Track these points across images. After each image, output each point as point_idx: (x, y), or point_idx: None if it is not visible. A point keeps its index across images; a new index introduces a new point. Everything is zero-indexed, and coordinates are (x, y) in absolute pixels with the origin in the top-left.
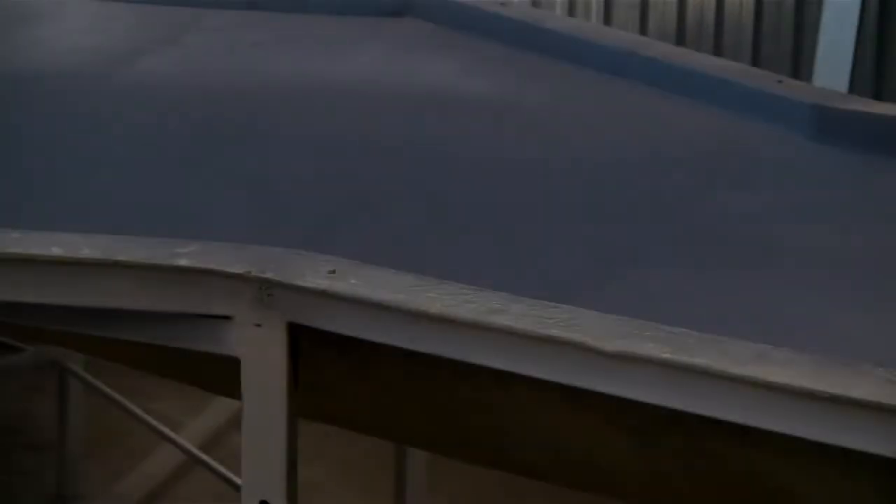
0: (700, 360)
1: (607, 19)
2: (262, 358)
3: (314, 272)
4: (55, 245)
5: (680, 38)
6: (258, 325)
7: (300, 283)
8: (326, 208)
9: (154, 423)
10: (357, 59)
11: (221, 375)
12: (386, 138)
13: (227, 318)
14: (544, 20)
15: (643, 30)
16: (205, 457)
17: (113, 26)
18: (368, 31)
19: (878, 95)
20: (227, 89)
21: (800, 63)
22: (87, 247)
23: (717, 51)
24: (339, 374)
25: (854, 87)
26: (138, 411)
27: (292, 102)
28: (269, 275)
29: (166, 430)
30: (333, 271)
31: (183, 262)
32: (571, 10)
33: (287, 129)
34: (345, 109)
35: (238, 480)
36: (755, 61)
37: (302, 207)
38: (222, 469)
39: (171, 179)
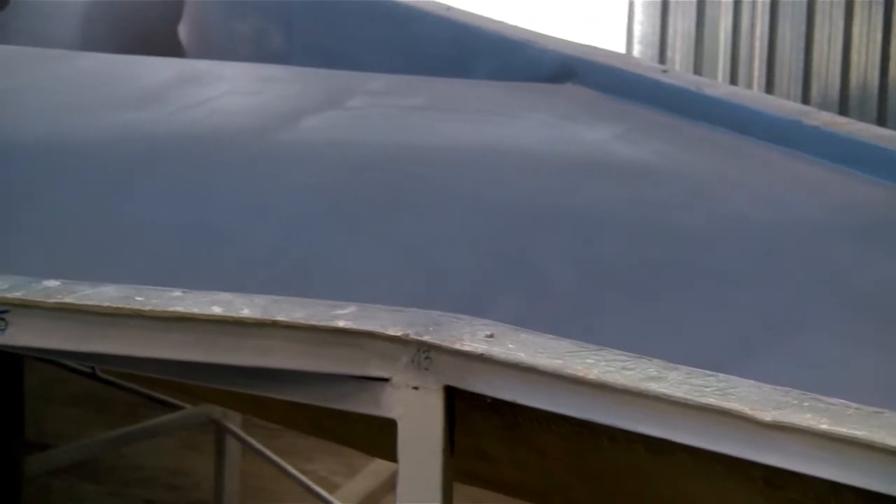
0: (859, 433)
1: (769, 87)
2: (419, 421)
3: (472, 336)
4: (215, 304)
5: (843, 107)
6: (415, 388)
7: (458, 346)
8: (484, 271)
9: (309, 483)
10: (516, 124)
11: (377, 437)
12: (543, 203)
13: (384, 380)
14: (706, 87)
15: (805, 98)
16: None
17: (273, 88)
18: (528, 98)
19: None
20: (386, 152)
21: None
22: (246, 306)
23: (881, 120)
24: (495, 438)
25: None
26: (294, 471)
27: (450, 167)
28: (427, 338)
29: (321, 491)
30: (491, 335)
31: (341, 323)
32: (733, 78)
33: (444, 193)
34: (502, 174)
35: None
36: None
37: (459, 270)
38: None
39: (329, 240)
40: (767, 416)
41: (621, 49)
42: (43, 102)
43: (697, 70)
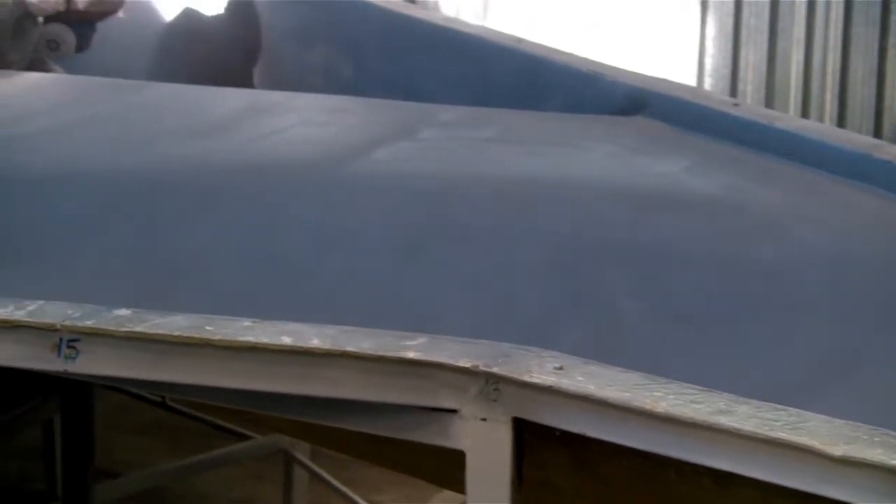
0: None
1: (841, 121)
2: (487, 452)
3: (541, 368)
4: (284, 334)
5: None
6: (483, 420)
7: (527, 378)
8: (553, 303)
9: None
10: (586, 157)
11: (445, 468)
12: (612, 235)
13: (452, 411)
14: (777, 121)
15: (877, 132)
16: None
17: (344, 119)
18: (598, 130)
19: None
20: (457, 184)
21: None
22: (315, 337)
23: None
24: (562, 469)
25: None
26: (362, 502)
27: (520, 199)
28: (495, 369)
29: None
30: (560, 367)
31: (411, 354)
32: (805, 112)
33: (514, 225)
34: (572, 207)
35: None
36: None
37: (528, 302)
38: None
39: (399, 271)
40: (838, 451)
41: (692, 82)
42: (115, 132)
43: (769, 103)
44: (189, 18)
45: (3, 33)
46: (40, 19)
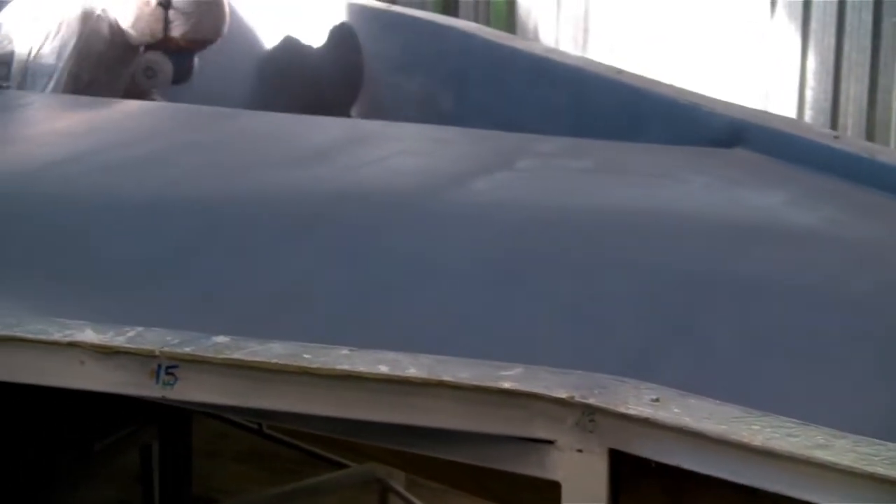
0: None
1: None
2: (583, 483)
3: (637, 399)
4: (381, 363)
5: None
6: (579, 451)
7: (623, 409)
8: (649, 334)
9: None
10: (684, 188)
11: (541, 499)
12: (711, 268)
13: (548, 442)
14: (878, 154)
15: None
16: None
17: (443, 149)
18: (696, 162)
19: None
20: (555, 214)
21: None
22: (412, 366)
23: None
24: (657, 501)
25: None
26: None
27: (618, 230)
28: (592, 400)
29: None
30: (657, 399)
31: (507, 384)
32: None
33: (612, 256)
34: (670, 238)
35: None
36: None
37: (625, 333)
38: None
39: (496, 300)
40: None
41: (792, 114)
42: (214, 160)
43: (869, 136)
44: (289, 47)
45: (101, 62)
46: (141, 48)
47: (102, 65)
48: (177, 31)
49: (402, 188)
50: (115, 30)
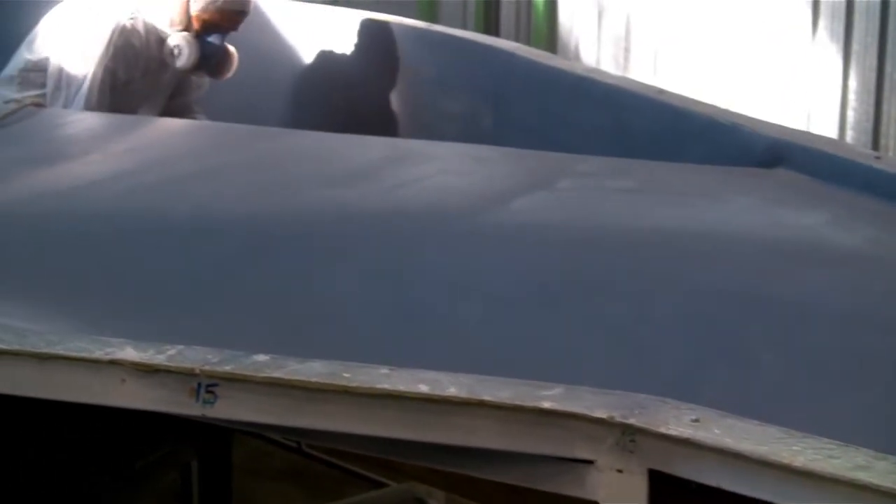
0: None
1: None
2: (623, 503)
3: (677, 420)
4: (421, 382)
5: None
6: (619, 471)
7: (663, 430)
8: (691, 355)
9: None
10: (726, 209)
11: None
12: (752, 288)
13: (588, 461)
14: None
15: None
16: None
17: (484, 168)
18: (738, 182)
19: None
20: (595, 234)
21: None
22: (452, 385)
23: None
24: None
25: None
26: None
27: (658, 250)
28: (632, 421)
29: None
30: (697, 420)
31: (547, 404)
32: None
33: (651, 276)
34: (711, 258)
35: None
36: None
37: (666, 354)
38: None
39: (535, 319)
40: None
41: (833, 135)
42: (255, 178)
43: None
44: (330, 66)
45: (138, 62)
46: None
47: (139, 65)
48: (194, 8)
49: (442, 207)
50: (150, 28)
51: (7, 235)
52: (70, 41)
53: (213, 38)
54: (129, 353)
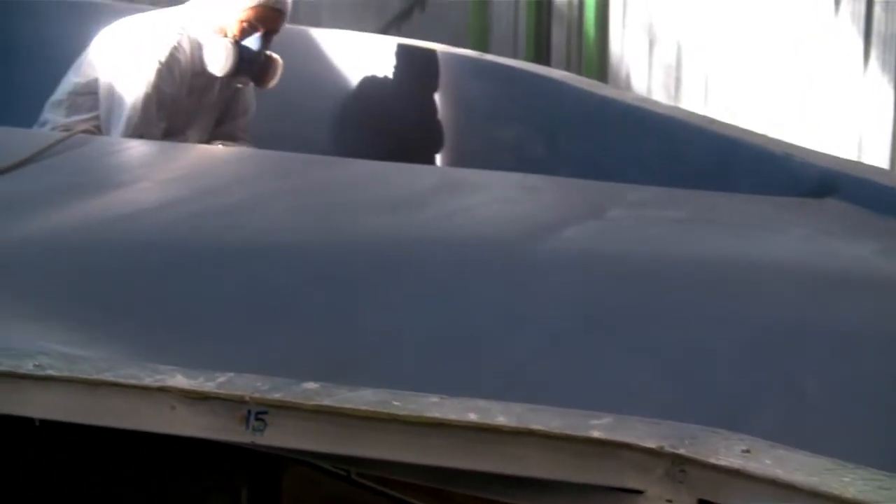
0: None
1: None
2: None
3: (728, 450)
4: (471, 411)
5: None
6: (669, 501)
7: (713, 460)
8: (742, 387)
9: None
10: (777, 239)
11: None
12: (802, 319)
13: (638, 492)
14: None
15: None
16: None
17: (535, 197)
18: (790, 212)
19: None
20: (646, 264)
21: None
22: (501, 414)
23: None
24: None
25: None
26: None
27: (709, 280)
28: (682, 451)
29: None
30: (747, 450)
31: (596, 433)
32: None
33: (703, 307)
34: (762, 289)
35: None
36: None
37: (716, 384)
38: None
39: (586, 349)
40: None
41: (885, 165)
42: (305, 205)
43: None
44: (377, 90)
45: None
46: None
47: (185, 82)
48: (231, 13)
49: (493, 236)
50: (195, 43)
51: (59, 263)
52: (119, 63)
53: (250, 42)
54: (179, 380)
